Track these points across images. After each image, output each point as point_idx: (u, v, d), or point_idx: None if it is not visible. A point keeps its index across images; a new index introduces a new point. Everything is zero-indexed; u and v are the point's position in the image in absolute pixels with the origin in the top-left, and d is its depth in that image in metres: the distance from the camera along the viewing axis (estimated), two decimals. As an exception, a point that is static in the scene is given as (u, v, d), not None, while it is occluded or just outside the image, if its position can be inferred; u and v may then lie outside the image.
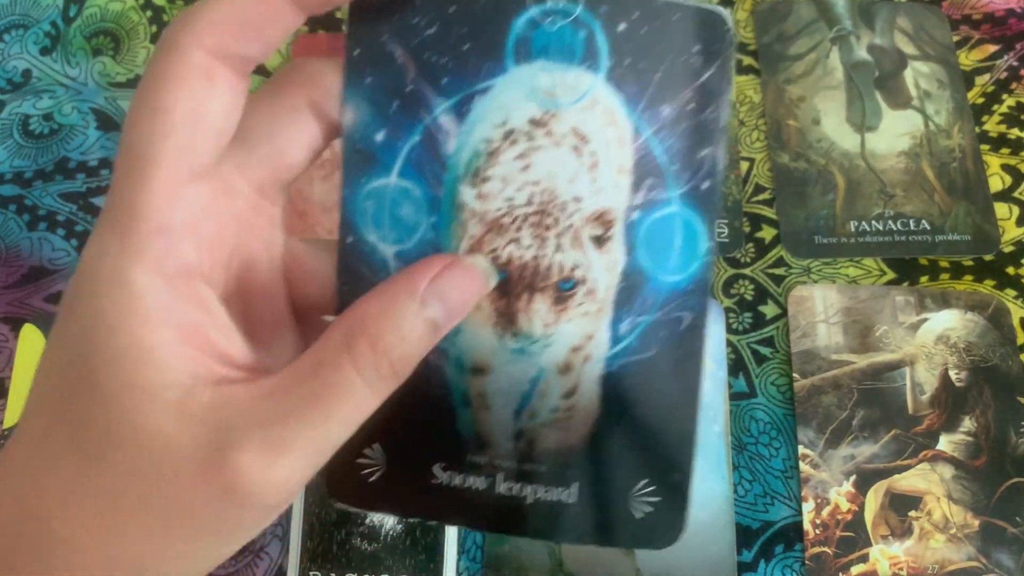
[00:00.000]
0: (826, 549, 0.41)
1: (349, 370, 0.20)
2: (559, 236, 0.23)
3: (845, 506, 0.41)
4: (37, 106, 0.52)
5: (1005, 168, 0.49)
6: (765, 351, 0.45)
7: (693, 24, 0.23)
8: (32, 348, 0.44)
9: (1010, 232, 0.47)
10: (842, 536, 0.41)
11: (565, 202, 0.23)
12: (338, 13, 0.54)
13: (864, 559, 0.40)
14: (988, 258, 0.47)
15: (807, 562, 0.41)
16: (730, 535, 0.41)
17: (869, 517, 0.41)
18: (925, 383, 0.44)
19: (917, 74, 0.51)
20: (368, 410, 0.21)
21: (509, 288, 0.24)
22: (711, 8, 0.23)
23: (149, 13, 0.55)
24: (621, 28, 0.23)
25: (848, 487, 0.42)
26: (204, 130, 0.20)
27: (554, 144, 0.23)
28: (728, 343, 0.45)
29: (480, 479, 0.25)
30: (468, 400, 0.24)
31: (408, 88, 0.23)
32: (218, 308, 0.21)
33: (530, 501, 0.24)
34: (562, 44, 0.23)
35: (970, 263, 0.47)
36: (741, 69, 0.52)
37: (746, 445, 0.43)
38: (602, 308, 0.24)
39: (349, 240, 0.24)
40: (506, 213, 0.23)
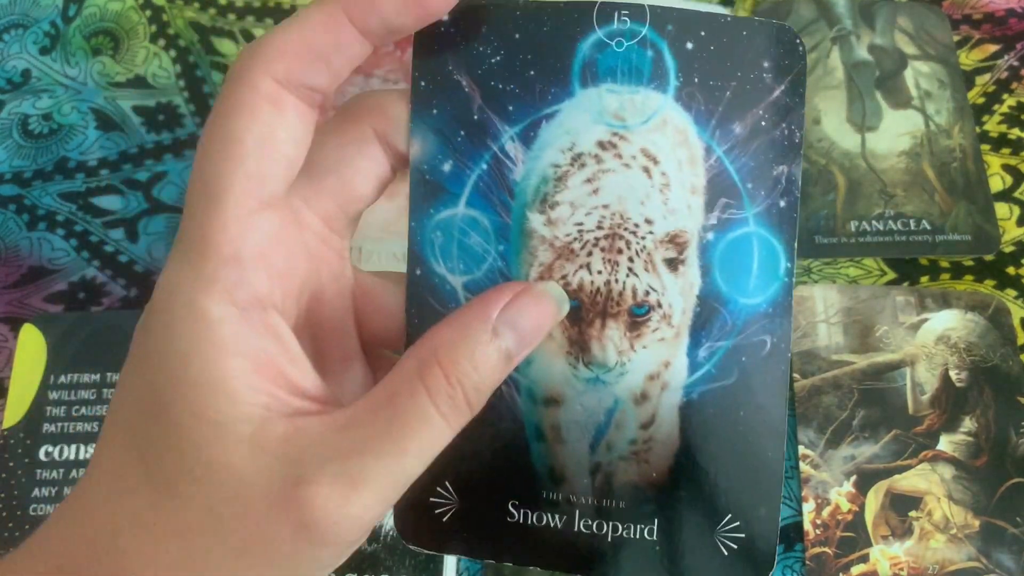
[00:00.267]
0: (826, 549, 0.41)
1: (424, 400, 0.20)
2: (631, 260, 0.23)
3: (845, 506, 0.41)
4: (36, 106, 0.52)
5: (1006, 168, 0.49)
6: (765, 351, 0.45)
7: (762, 40, 0.22)
8: (31, 348, 0.44)
9: (1010, 232, 0.47)
10: (842, 536, 0.41)
11: (636, 225, 0.23)
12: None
13: (864, 559, 0.40)
14: (988, 258, 0.47)
15: (807, 562, 0.41)
16: (730, 535, 0.40)
17: (869, 517, 0.41)
18: (925, 383, 0.43)
19: (917, 74, 0.51)
20: (443, 442, 0.20)
21: (581, 315, 0.23)
22: (780, 24, 0.23)
23: (149, 13, 0.55)
24: (689, 47, 0.22)
25: (848, 487, 0.42)
26: (274, 158, 0.20)
27: (623, 166, 0.23)
28: (728, 343, 0.45)
29: (557, 516, 0.24)
30: (542, 433, 0.24)
31: (475, 117, 0.23)
32: (290, 339, 0.21)
33: (610, 540, 0.23)
34: (629, 65, 0.22)
35: (970, 263, 0.47)
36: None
37: (746, 445, 0.43)
38: (678, 334, 0.23)
39: (417, 272, 0.23)
40: (576, 238, 0.23)
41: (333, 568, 0.21)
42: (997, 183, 0.48)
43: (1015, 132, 0.50)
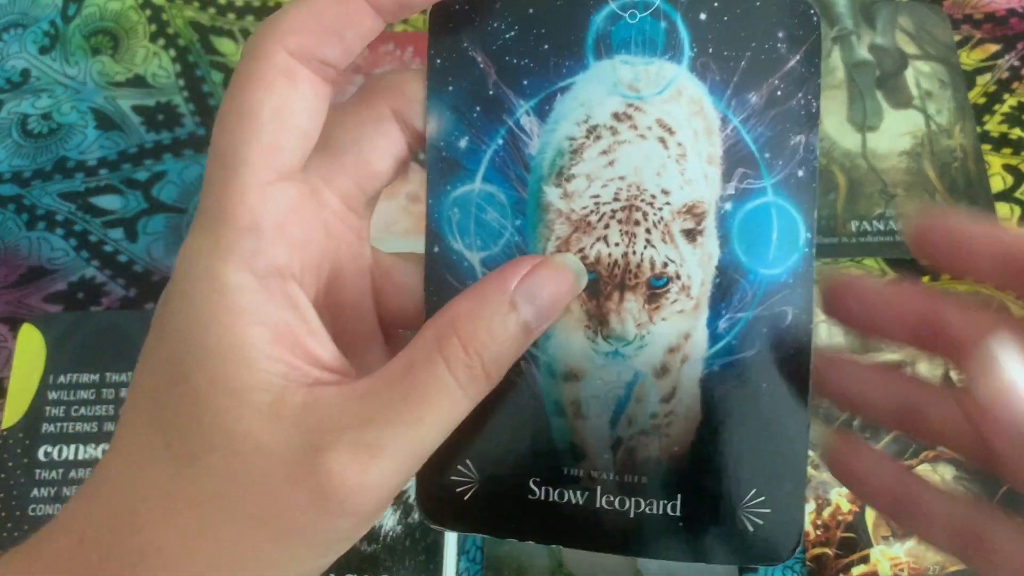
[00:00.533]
0: (827, 550, 0.41)
1: (442, 370, 0.20)
2: (648, 232, 0.23)
3: (846, 507, 0.41)
4: (36, 105, 0.52)
5: (1006, 168, 0.49)
6: (766, 351, 0.45)
7: (776, 10, 0.22)
8: (30, 348, 0.44)
9: (1011, 232, 0.47)
10: (843, 537, 0.41)
11: (653, 196, 0.23)
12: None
13: (865, 560, 0.40)
14: (989, 258, 0.47)
15: (808, 563, 0.40)
16: (731, 536, 0.40)
17: (870, 518, 0.41)
18: (926, 384, 0.43)
19: (918, 74, 0.51)
20: (461, 412, 0.20)
21: (599, 288, 0.23)
22: None
23: (148, 12, 0.55)
24: (702, 17, 0.22)
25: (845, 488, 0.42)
26: (289, 129, 0.20)
27: (639, 137, 0.22)
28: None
29: (578, 493, 0.23)
30: (562, 409, 0.23)
31: (490, 92, 0.23)
32: (309, 310, 0.21)
33: (632, 516, 0.23)
34: (643, 36, 0.22)
35: (971, 263, 0.47)
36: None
37: (747, 446, 0.43)
38: (698, 305, 0.23)
39: (435, 249, 0.23)
40: (592, 211, 0.23)
41: (351, 541, 0.21)
42: (998, 183, 0.48)
43: (1016, 132, 0.50)
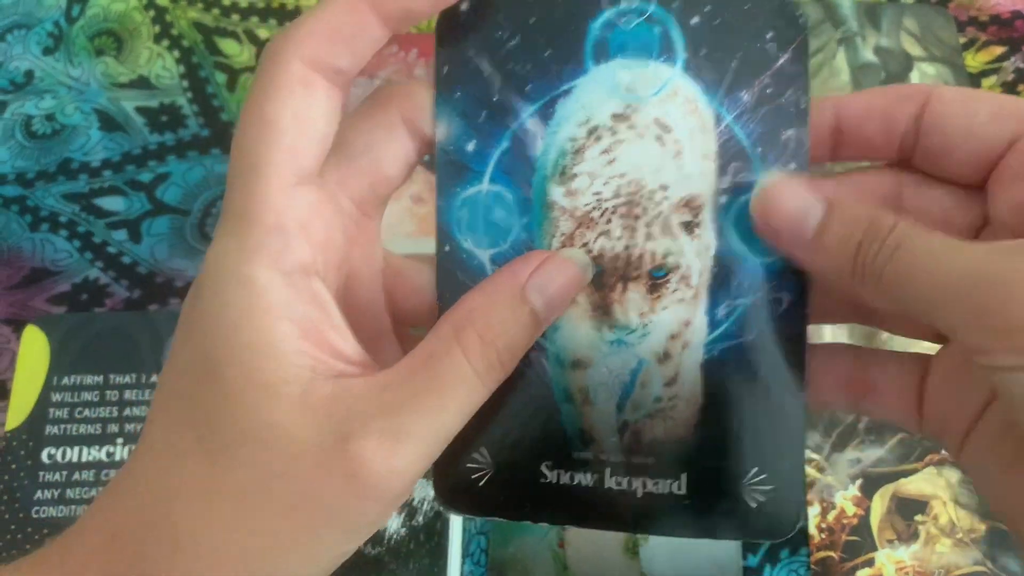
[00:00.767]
0: (832, 553, 0.41)
1: (460, 360, 0.21)
2: (649, 225, 0.24)
3: (851, 510, 0.41)
4: (40, 106, 0.52)
5: (1012, 170, 0.49)
6: (770, 354, 0.45)
7: (764, 12, 0.24)
8: (34, 350, 0.44)
9: (1017, 235, 0.47)
10: (848, 540, 0.41)
11: (652, 191, 0.24)
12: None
13: (870, 563, 0.40)
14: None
15: (813, 566, 0.40)
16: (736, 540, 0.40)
17: (875, 521, 0.41)
18: (931, 387, 0.43)
19: (923, 76, 0.51)
20: (480, 399, 0.22)
21: (603, 280, 0.24)
22: None
23: (152, 13, 0.55)
24: (694, 21, 0.24)
25: (854, 491, 0.42)
26: (308, 134, 0.22)
27: (638, 136, 0.24)
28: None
29: (588, 475, 0.25)
30: (570, 396, 0.25)
31: (495, 98, 0.24)
32: (332, 306, 0.22)
33: (640, 495, 0.24)
34: (638, 41, 0.24)
35: (976, 266, 0.47)
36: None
37: (751, 449, 0.43)
38: (697, 294, 0.24)
39: (446, 249, 0.24)
40: (595, 207, 0.24)
41: (377, 525, 0.22)
42: (1003, 186, 0.48)
43: (1021, 134, 0.49)
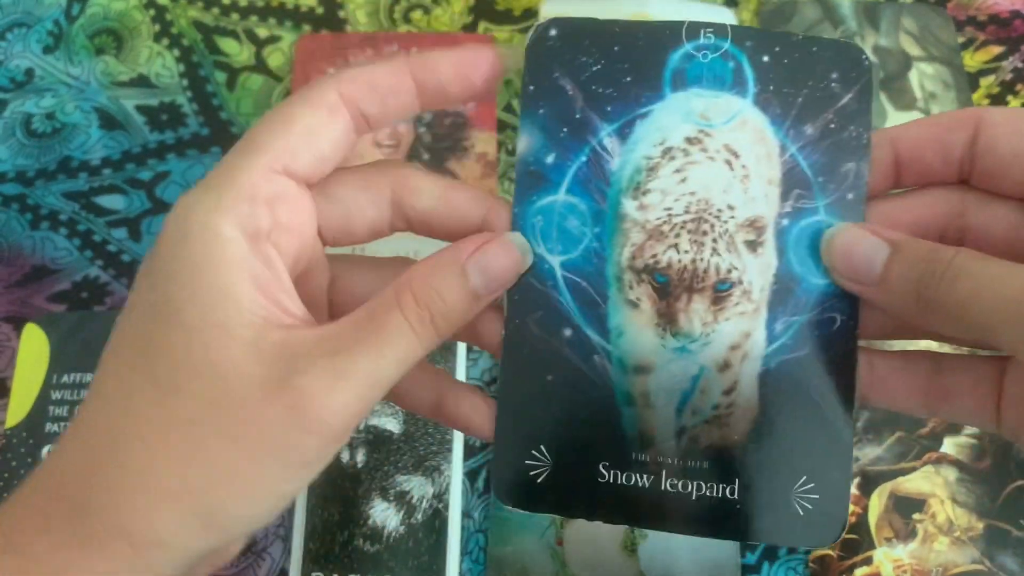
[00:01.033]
0: (830, 552, 0.41)
1: (398, 317, 0.23)
2: (715, 241, 0.26)
3: (850, 509, 0.41)
4: (40, 105, 0.52)
5: (1010, 170, 0.49)
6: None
7: (831, 55, 0.26)
8: (34, 347, 0.44)
9: (1015, 234, 0.47)
10: (846, 539, 0.41)
11: (720, 210, 0.26)
12: (341, 12, 0.54)
13: (868, 562, 0.40)
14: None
15: (810, 564, 0.41)
16: (734, 537, 0.40)
17: (873, 520, 0.41)
18: (929, 385, 0.43)
19: (922, 75, 0.51)
20: (415, 354, 0.23)
21: (669, 290, 0.26)
22: (847, 41, 0.26)
23: (152, 12, 0.55)
24: (765, 59, 0.26)
25: (852, 489, 0.42)
26: (312, 147, 0.24)
27: (708, 159, 0.26)
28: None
29: (645, 477, 0.26)
30: (632, 399, 0.26)
31: (576, 116, 0.26)
32: (285, 275, 0.24)
33: (694, 498, 0.25)
34: (713, 74, 0.26)
35: (975, 265, 0.47)
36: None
37: (750, 447, 0.43)
38: (758, 308, 0.26)
39: None
40: (665, 222, 0.26)
41: (316, 465, 0.23)
42: (1001, 185, 0.48)
43: (1019, 134, 0.49)
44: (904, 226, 0.26)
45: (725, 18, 0.51)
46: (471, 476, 0.43)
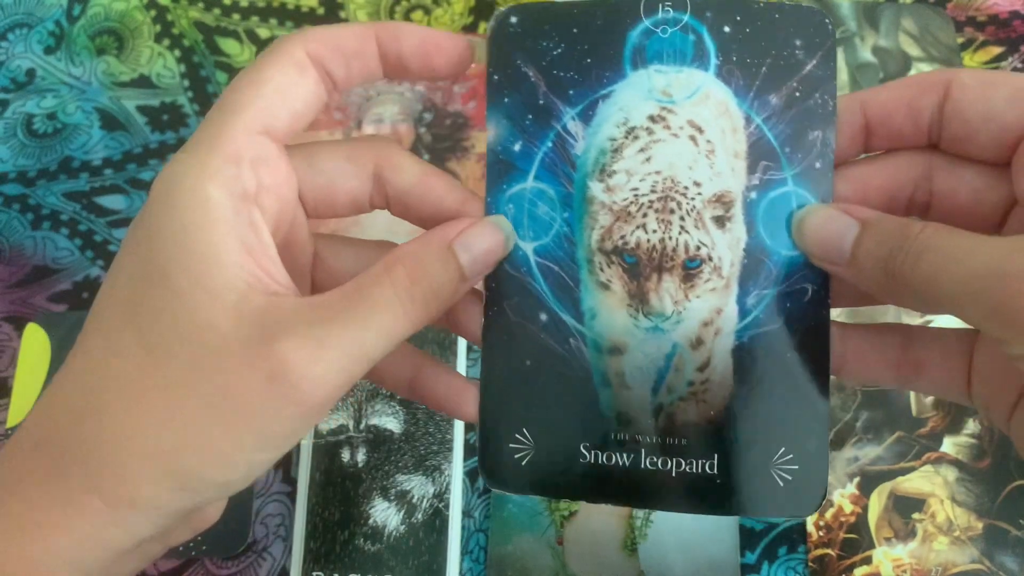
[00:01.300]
0: (829, 551, 0.41)
1: (388, 289, 0.23)
2: (683, 219, 0.25)
3: (849, 508, 0.41)
4: (41, 105, 0.52)
5: (1009, 170, 0.49)
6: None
7: (793, 21, 0.25)
8: (35, 347, 0.44)
9: (1014, 234, 0.47)
10: (845, 538, 0.41)
11: (686, 187, 0.25)
12: (342, 13, 0.54)
13: (867, 561, 0.40)
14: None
15: (810, 564, 0.41)
16: (733, 536, 0.40)
17: (873, 519, 0.41)
18: (929, 385, 0.43)
19: (921, 76, 0.51)
20: (401, 330, 0.23)
21: (639, 270, 0.26)
22: (809, 7, 0.25)
23: (153, 12, 0.55)
24: (726, 30, 0.25)
25: (852, 489, 0.42)
26: (286, 105, 0.24)
27: (672, 136, 0.25)
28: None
29: (625, 456, 0.26)
30: (608, 380, 0.26)
31: (540, 102, 0.26)
32: (269, 241, 0.24)
33: (674, 475, 0.26)
34: (674, 48, 0.26)
35: (974, 265, 0.47)
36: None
37: (750, 447, 0.43)
38: (728, 283, 0.26)
39: None
40: (632, 202, 0.26)
41: (293, 437, 0.23)
42: (1001, 185, 0.48)
43: (1019, 134, 0.50)
44: (873, 191, 0.26)
45: None
46: (471, 475, 0.43)
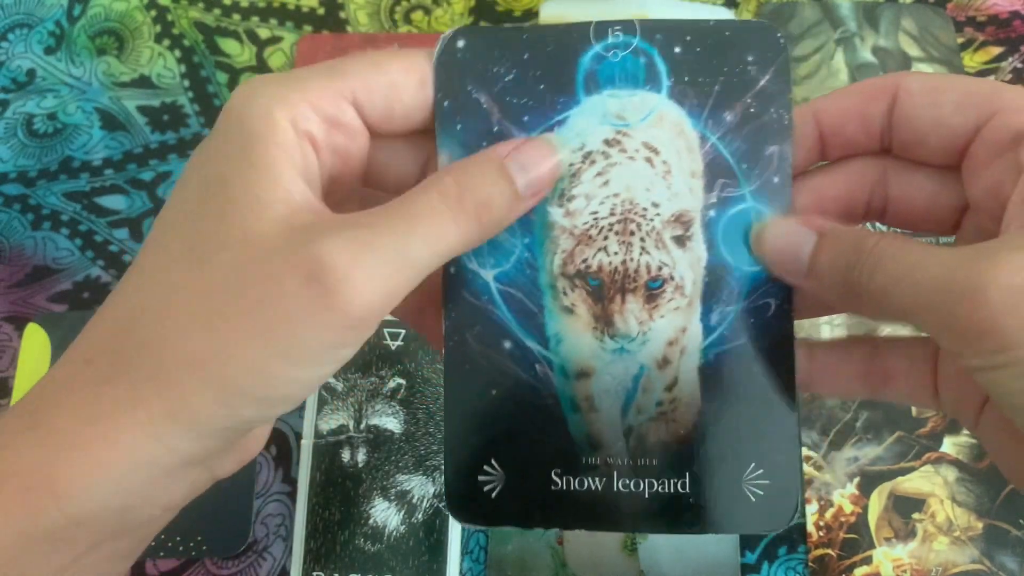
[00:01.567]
0: (829, 551, 0.41)
1: (435, 196, 0.22)
2: (643, 240, 0.26)
3: (849, 508, 0.41)
4: (41, 105, 0.52)
5: (1009, 170, 0.49)
6: (769, 353, 0.45)
7: (744, 38, 0.25)
8: (35, 347, 0.44)
9: (1014, 234, 0.47)
10: (845, 538, 0.41)
11: (645, 209, 0.26)
12: (342, 13, 0.54)
13: (867, 561, 0.40)
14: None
15: (810, 564, 0.41)
16: (733, 536, 0.40)
17: (873, 519, 0.41)
18: (929, 385, 0.43)
19: (921, 76, 0.51)
20: (449, 240, 0.22)
21: (603, 293, 0.26)
22: (759, 22, 0.26)
23: (153, 13, 0.55)
24: (677, 50, 0.25)
25: (852, 489, 0.42)
26: (391, 96, 0.24)
27: (628, 159, 0.26)
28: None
29: (597, 480, 0.26)
30: (577, 405, 0.26)
31: (495, 129, 0.26)
32: (318, 179, 0.24)
33: (647, 496, 0.26)
34: (625, 72, 0.26)
35: (974, 265, 0.47)
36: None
37: (750, 447, 0.43)
38: (691, 302, 0.26)
39: (451, 270, 0.26)
40: (592, 226, 0.26)
41: (334, 352, 0.22)
42: (1001, 185, 0.48)
43: (1019, 134, 0.50)
44: (830, 200, 0.26)
45: (723, 17, 0.51)
46: (471, 476, 0.43)
